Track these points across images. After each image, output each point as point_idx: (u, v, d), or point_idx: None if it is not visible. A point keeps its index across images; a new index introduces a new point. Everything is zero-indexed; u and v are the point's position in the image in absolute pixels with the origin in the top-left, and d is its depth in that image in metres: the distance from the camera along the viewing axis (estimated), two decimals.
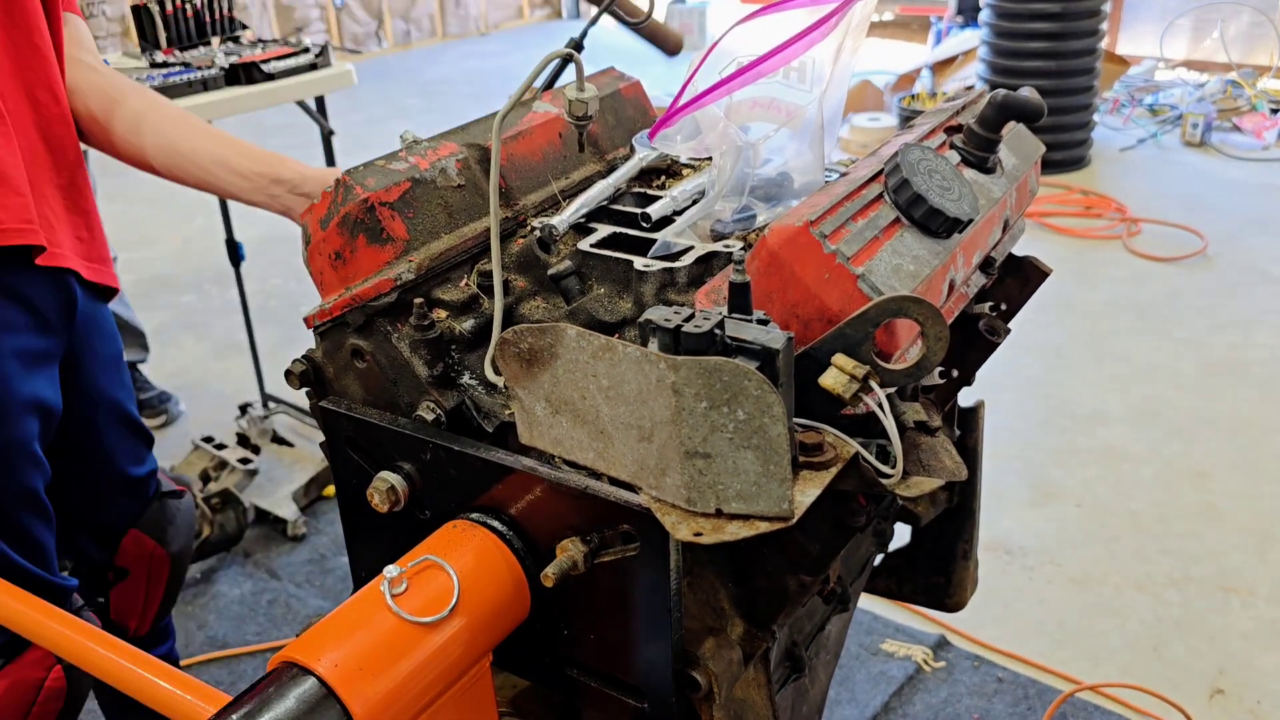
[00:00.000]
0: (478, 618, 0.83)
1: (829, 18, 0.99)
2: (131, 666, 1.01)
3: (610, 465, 0.77)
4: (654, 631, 0.85)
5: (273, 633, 2.54)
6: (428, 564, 0.83)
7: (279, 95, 2.78)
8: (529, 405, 0.80)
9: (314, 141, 3.20)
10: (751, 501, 0.71)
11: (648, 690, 0.89)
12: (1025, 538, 2.71)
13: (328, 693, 0.74)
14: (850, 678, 2.29)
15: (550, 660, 0.95)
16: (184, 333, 4.27)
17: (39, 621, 1.13)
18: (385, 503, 0.94)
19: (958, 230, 0.93)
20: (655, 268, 0.98)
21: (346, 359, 1.02)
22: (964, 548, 1.49)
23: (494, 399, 0.97)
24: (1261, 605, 2.45)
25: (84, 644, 1.05)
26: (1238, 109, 6.02)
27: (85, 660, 1.05)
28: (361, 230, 0.99)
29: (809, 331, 0.83)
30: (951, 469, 0.83)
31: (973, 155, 1.06)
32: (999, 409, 1.32)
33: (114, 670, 1.02)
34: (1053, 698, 2.20)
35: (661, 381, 0.70)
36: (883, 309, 0.77)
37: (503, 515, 0.90)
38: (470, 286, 1.04)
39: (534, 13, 10.88)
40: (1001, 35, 5.32)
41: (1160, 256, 4.36)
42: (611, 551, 0.84)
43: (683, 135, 1.08)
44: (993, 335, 1.21)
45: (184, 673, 1.00)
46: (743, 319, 0.75)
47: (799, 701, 1.28)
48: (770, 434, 0.69)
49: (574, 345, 0.75)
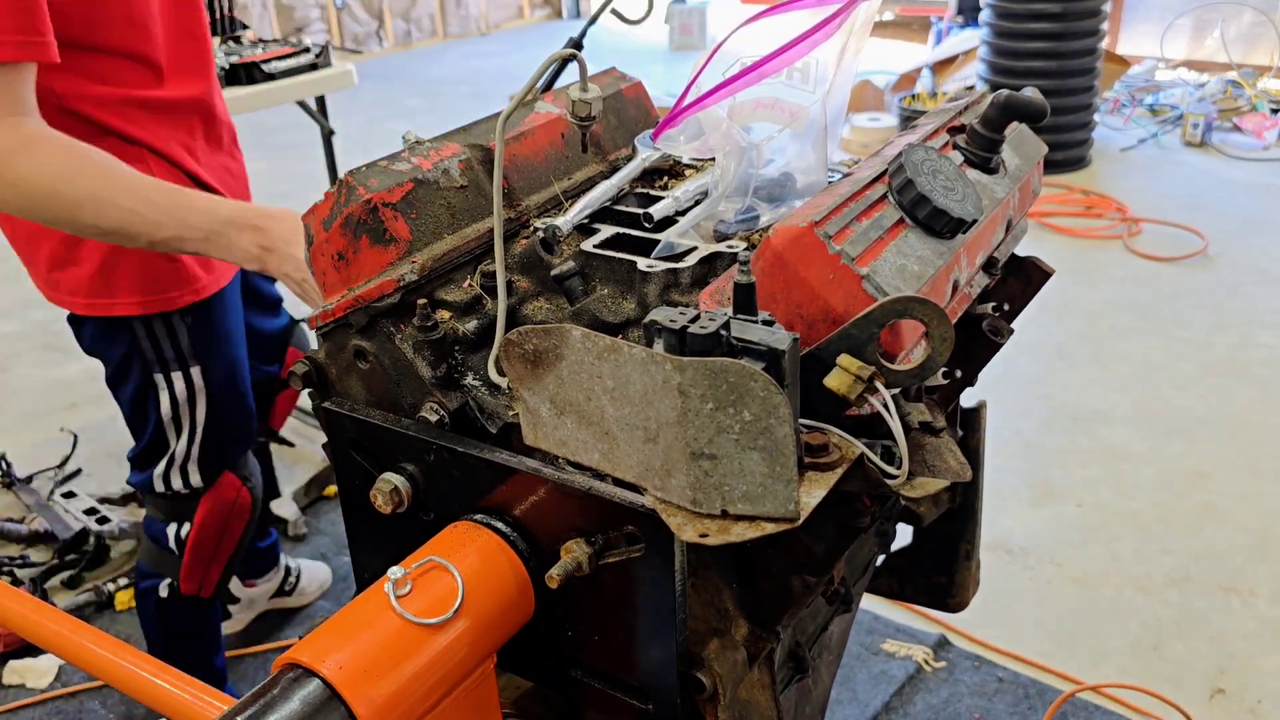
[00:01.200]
0: (482, 619, 0.83)
1: (833, 18, 0.99)
2: (133, 669, 1.01)
3: (615, 466, 0.77)
4: (659, 633, 0.85)
5: (273, 632, 2.54)
6: (432, 565, 0.83)
7: (279, 95, 2.78)
8: (534, 406, 0.80)
9: (314, 141, 3.21)
10: (757, 503, 0.71)
11: (652, 691, 0.89)
12: (1025, 538, 2.71)
13: (332, 695, 0.74)
14: (851, 677, 2.29)
15: (554, 661, 0.95)
16: None
17: (38, 623, 1.13)
18: (389, 504, 0.94)
19: (962, 231, 0.93)
20: (659, 268, 0.98)
21: (349, 360, 1.02)
22: (966, 548, 1.49)
23: (497, 400, 0.97)
24: (1262, 605, 2.45)
25: (86, 647, 1.05)
26: (1238, 109, 6.02)
27: (87, 663, 1.05)
28: (364, 231, 0.99)
29: (813, 332, 0.83)
30: (956, 470, 0.83)
31: (976, 156, 1.06)
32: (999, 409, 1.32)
33: (116, 672, 1.02)
34: (1053, 698, 2.20)
35: (667, 382, 0.70)
36: (888, 310, 0.77)
37: (506, 516, 0.90)
38: (473, 287, 1.04)
39: (534, 13, 10.88)
40: (1002, 35, 5.32)
41: (1161, 256, 4.36)
42: (616, 553, 0.84)
43: (686, 136, 1.08)
44: (996, 336, 1.20)
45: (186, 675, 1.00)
46: (748, 320, 0.75)
47: (802, 702, 1.28)
48: (776, 435, 0.69)
49: (579, 346, 0.74)
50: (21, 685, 2.39)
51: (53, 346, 4.16)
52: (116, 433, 3.44)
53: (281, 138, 6.65)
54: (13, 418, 3.62)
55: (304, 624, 2.55)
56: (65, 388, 3.81)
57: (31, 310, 4.49)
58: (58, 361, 4.03)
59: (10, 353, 4.12)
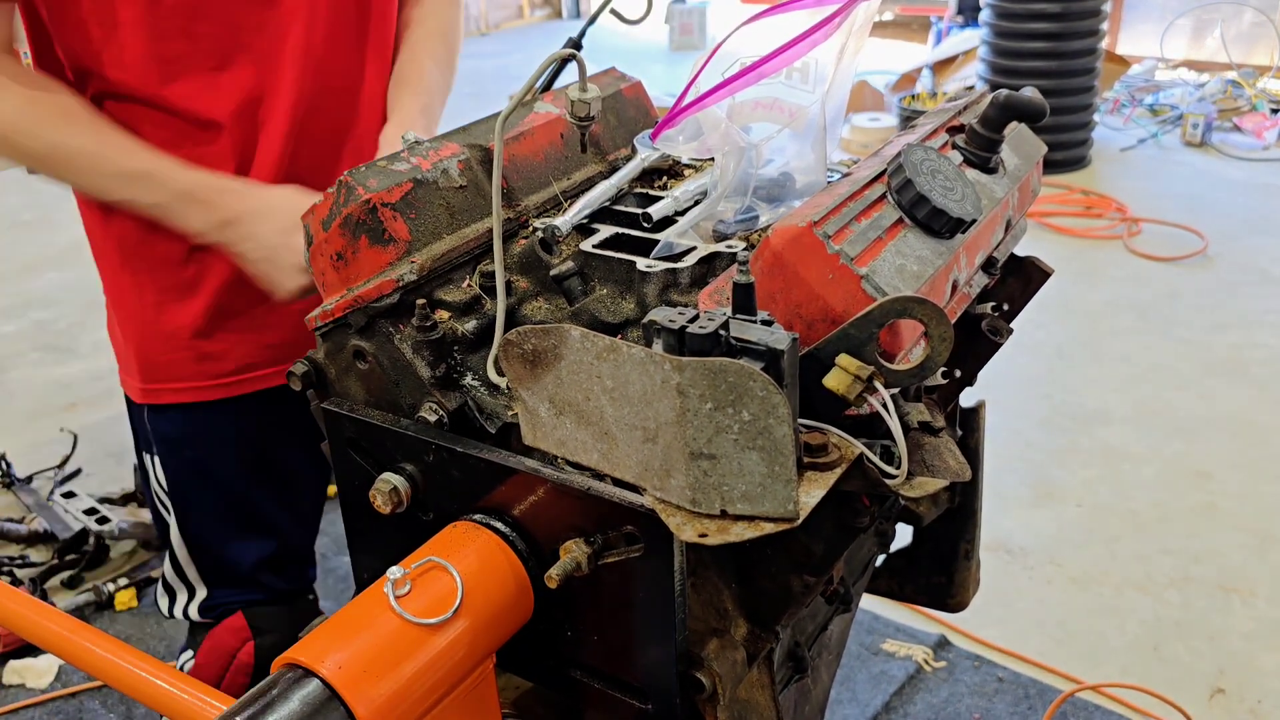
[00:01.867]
0: (481, 619, 0.83)
1: (832, 18, 0.99)
2: (133, 669, 1.01)
3: (614, 466, 0.77)
4: (658, 633, 0.85)
5: None
6: (431, 565, 0.83)
7: None
8: (533, 406, 0.80)
9: None
10: (757, 503, 0.71)
11: (651, 691, 0.89)
12: (1025, 537, 2.71)
13: (332, 695, 0.74)
14: (851, 677, 2.29)
15: (553, 661, 0.95)
16: None
17: (38, 624, 1.13)
18: (388, 504, 0.94)
19: (961, 230, 0.93)
20: (658, 268, 0.98)
21: (348, 360, 1.02)
22: (966, 548, 1.49)
23: (496, 400, 0.97)
24: (1262, 605, 2.45)
25: (85, 647, 1.05)
26: (1238, 109, 6.02)
27: (86, 663, 1.05)
28: (363, 231, 0.99)
29: (812, 332, 0.83)
30: (956, 469, 0.83)
31: (975, 155, 1.06)
32: (999, 409, 1.33)
33: (115, 673, 1.02)
34: (1053, 697, 2.20)
35: (666, 383, 0.70)
36: (887, 310, 0.77)
37: (506, 516, 0.90)
38: (472, 287, 1.04)
39: (534, 12, 10.89)
40: (1002, 35, 5.32)
41: (1160, 256, 4.36)
42: (615, 553, 0.84)
43: (685, 136, 1.08)
44: (996, 336, 1.20)
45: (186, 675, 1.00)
46: (747, 320, 0.75)
47: (801, 702, 1.28)
48: (775, 435, 0.69)
49: (578, 346, 0.74)
50: (21, 685, 2.39)
51: (53, 346, 4.16)
52: (116, 433, 3.44)
53: None
54: (13, 418, 3.62)
55: None
56: (65, 388, 3.81)
57: (31, 310, 4.50)
58: (58, 361, 4.03)
59: (10, 353, 4.12)
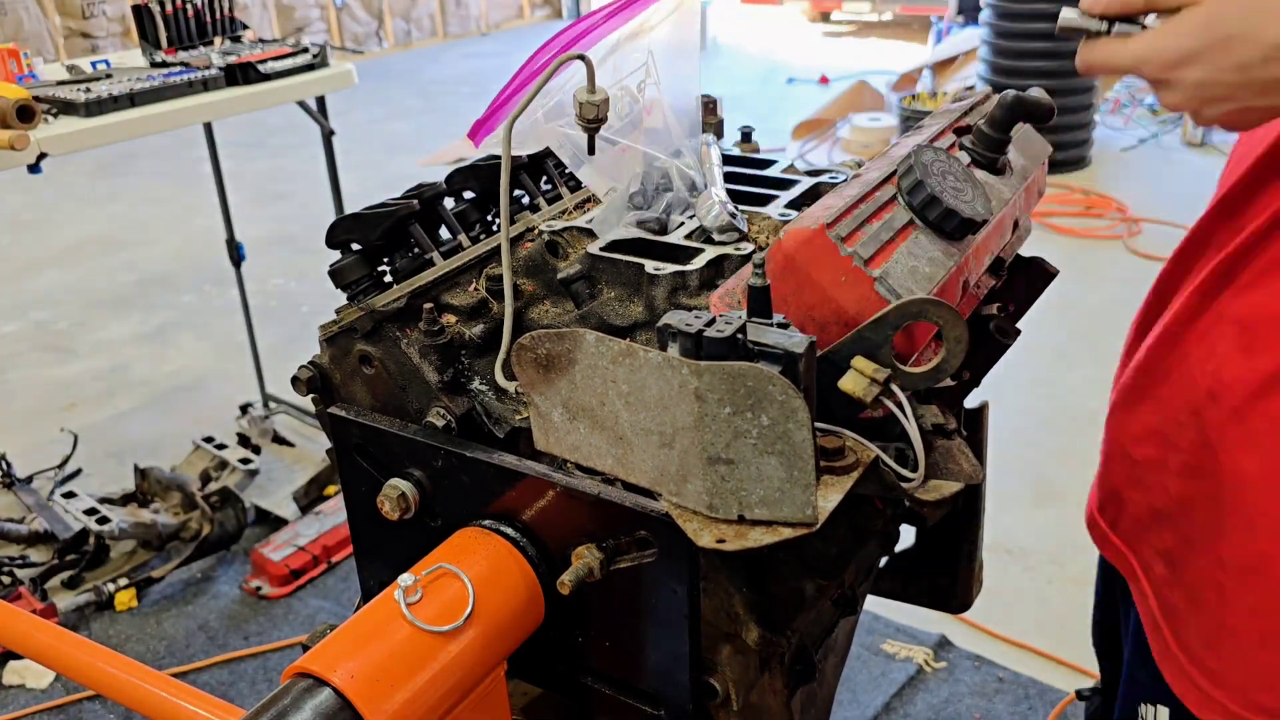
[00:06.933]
0: (493, 626, 0.82)
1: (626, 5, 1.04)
2: (139, 683, 0.99)
3: (629, 472, 0.76)
4: (671, 638, 0.85)
5: (273, 633, 2.53)
6: (441, 572, 0.83)
7: (279, 95, 2.76)
8: (546, 411, 0.80)
9: (314, 141, 3.20)
10: (775, 508, 0.70)
11: (663, 697, 0.88)
12: (1026, 538, 2.70)
13: (344, 704, 0.73)
14: (852, 678, 2.28)
15: (564, 668, 0.94)
16: (184, 333, 4.26)
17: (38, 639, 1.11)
18: (396, 510, 0.93)
19: (972, 232, 0.92)
20: (666, 271, 0.97)
21: (354, 365, 1.01)
22: (969, 549, 1.48)
23: (504, 404, 0.97)
24: None
25: (89, 662, 1.04)
26: None
27: (90, 678, 1.04)
28: None
29: (825, 334, 0.83)
30: (969, 472, 0.83)
31: (983, 156, 1.06)
32: (1000, 409, 1.33)
33: (121, 687, 1.00)
34: (1053, 697, 2.19)
35: (684, 387, 0.70)
36: (903, 312, 0.76)
37: (515, 522, 0.89)
38: (479, 291, 1.03)
39: (534, 12, 10.87)
40: (1002, 35, 5.32)
41: (1161, 256, 4.33)
42: (627, 558, 0.83)
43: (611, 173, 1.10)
44: (1004, 336, 1.20)
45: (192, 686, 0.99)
46: (763, 323, 0.74)
47: (808, 706, 1.28)
48: (794, 439, 0.68)
49: (593, 350, 0.74)
50: (21, 685, 2.39)
51: (53, 346, 4.15)
52: (117, 433, 3.44)
53: (281, 138, 6.64)
54: (13, 418, 3.61)
55: (304, 624, 2.55)
56: (65, 388, 3.80)
57: (31, 310, 4.49)
58: (58, 361, 4.02)
59: (10, 353, 4.11)
